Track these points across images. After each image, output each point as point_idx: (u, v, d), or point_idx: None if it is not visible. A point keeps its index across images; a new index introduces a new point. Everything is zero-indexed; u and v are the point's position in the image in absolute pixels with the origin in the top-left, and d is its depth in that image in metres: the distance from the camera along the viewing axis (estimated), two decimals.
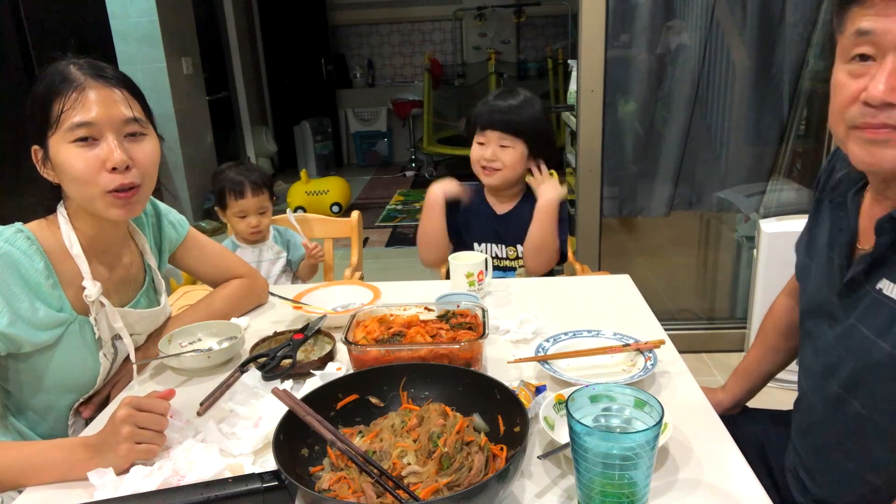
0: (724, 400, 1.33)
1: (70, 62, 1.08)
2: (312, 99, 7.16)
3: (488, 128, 1.77)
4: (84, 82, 1.06)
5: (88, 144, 1.06)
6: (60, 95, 1.04)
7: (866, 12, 0.79)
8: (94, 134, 1.06)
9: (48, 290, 1.09)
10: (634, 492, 0.73)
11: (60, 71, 1.07)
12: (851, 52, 0.83)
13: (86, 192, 1.08)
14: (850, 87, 0.83)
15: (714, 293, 2.94)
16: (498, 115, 1.76)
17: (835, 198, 1.03)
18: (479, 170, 1.82)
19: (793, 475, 1.10)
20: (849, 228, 0.97)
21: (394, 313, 1.25)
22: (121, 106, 1.08)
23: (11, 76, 3.01)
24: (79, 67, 1.07)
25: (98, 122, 1.05)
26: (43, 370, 1.12)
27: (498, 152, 1.77)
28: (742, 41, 2.44)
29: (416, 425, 0.88)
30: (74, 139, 1.05)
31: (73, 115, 1.04)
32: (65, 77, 1.06)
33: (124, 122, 1.08)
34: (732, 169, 2.59)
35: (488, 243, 1.86)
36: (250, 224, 2.04)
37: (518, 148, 1.77)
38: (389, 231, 5.03)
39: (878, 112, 0.80)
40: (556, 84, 6.45)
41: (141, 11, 4.51)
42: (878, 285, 0.89)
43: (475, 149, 1.81)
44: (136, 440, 0.92)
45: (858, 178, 0.99)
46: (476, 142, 1.81)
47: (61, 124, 1.05)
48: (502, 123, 1.76)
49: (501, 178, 1.79)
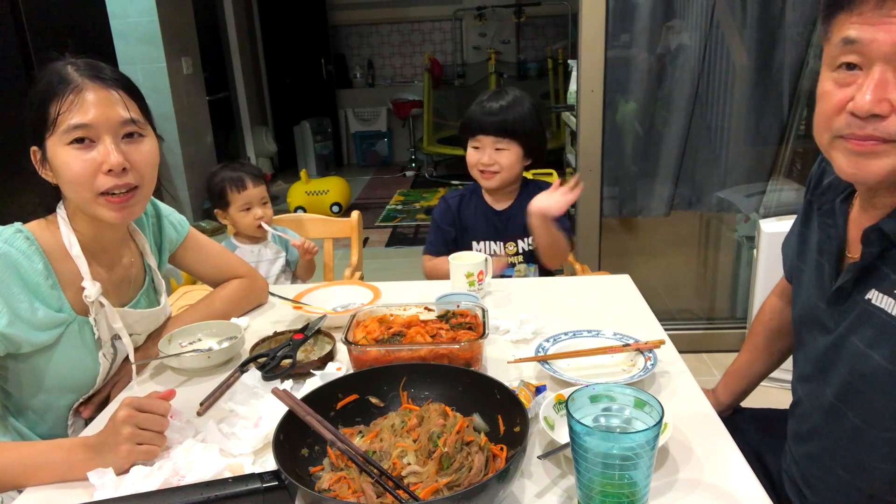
0: (717, 401, 1.33)
1: (68, 62, 1.08)
2: (312, 99, 7.16)
3: (481, 132, 1.77)
4: (81, 83, 1.05)
5: (85, 146, 1.05)
6: (57, 97, 1.04)
7: (853, 20, 0.78)
8: (90, 136, 1.05)
9: (47, 291, 1.09)
10: (634, 492, 0.73)
11: (58, 71, 1.06)
12: (838, 61, 0.81)
13: (82, 195, 1.08)
14: (836, 96, 0.82)
15: (714, 293, 2.94)
16: (490, 119, 1.76)
17: (823, 204, 1.02)
18: (476, 174, 1.82)
19: (790, 481, 1.10)
20: (837, 236, 0.96)
21: (394, 313, 1.25)
22: (118, 107, 1.07)
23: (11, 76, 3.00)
24: (76, 68, 1.07)
25: (95, 123, 1.05)
26: (42, 370, 1.12)
27: (494, 155, 1.77)
28: (742, 41, 2.44)
29: (416, 425, 0.88)
30: (71, 141, 1.05)
31: (70, 116, 1.04)
32: (62, 78, 1.05)
33: (121, 123, 1.08)
34: (732, 169, 2.59)
35: (487, 241, 1.87)
36: (256, 216, 2.04)
37: (513, 149, 1.77)
38: (389, 231, 5.03)
39: (865, 123, 0.79)
40: (556, 84, 6.45)
41: (141, 11, 4.52)
42: (867, 295, 0.88)
43: (471, 153, 1.82)
44: (137, 441, 0.92)
45: (846, 186, 0.97)
46: (471, 146, 1.82)
47: (58, 126, 1.04)
48: (495, 127, 1.75)
49: (500, 180, 1.80)
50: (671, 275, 2.95)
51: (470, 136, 1.81)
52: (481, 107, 1.79)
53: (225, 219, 2.11)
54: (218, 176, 2.07)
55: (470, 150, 1.82)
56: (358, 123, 7.52)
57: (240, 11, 6.43)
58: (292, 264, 2.16)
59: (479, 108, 1.79)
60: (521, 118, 1.76)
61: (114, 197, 1.08)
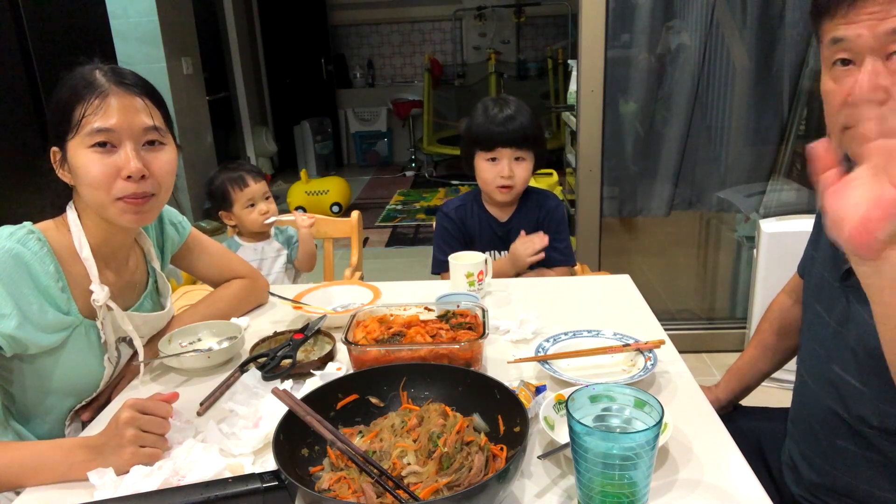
0: (717, 399, 1.34)
1: (95, 67, 1.09)
2: (312, 99, 7.17)
3: (499, 144, 1.72)
4: (107, 89, 1.06)
5: (106, 151, 1.06)
6: (83, 100, 1.05)
7: (837, 22, 0.85)
8: (112, 140, 1.06)
9: (57, 293, 1.09)
10: (634, 492, 0.73)
11: (85, 76, 1.07)
12: (832, 59, 0.88)
13: (99, 198, 1.08)
14: (837, 93, 0.88)
15: (714, 293, 2.95)
16: (505, 130, 1.70)
17: None
18: (493, 189, 1.76)
19: (788, 466, 1.11)
20: None
21: (394, 313, 1.25)
22: (142, 114, 1.09)
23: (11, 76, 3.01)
24: (103, 73, 1.08)
25: (118, 129, 1.06)
26: (48, 373, 1.12)
27: (514, 167, 1.73)
28: (742, 41, 2.44)
29: (416, 425, 0.88)
30: (93, 144, 1.06)
31: (94, 120, 1.05)
32: (89, 82, 1.07)
33: (144, 130, 1.09)
34: (732, 169, 2.59)
35: (492, 251, 1.86)
36: (261, 211, 2.05)
37: (529, 159, 1.75)
38: (389, 231, 5.03)
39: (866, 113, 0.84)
40: (556, 84, 6.45)
41: (141, 11, 4.52)
42: None
43: (486, 168, 1.75)
44: (140, 444, 0.92)
45: None
46: (484, 160, 1.75)
47: (82, 128, 1.05)
48: (514, 138, 1.70)
49: (516, 193, 1.78)
50: (671, 275, 2.95)
51: (485, 149, 1.74)
52: (489, 117, 1.72)
53: (230, 219, 2.11)
54: (218, 179, 2.08)
55: (484, 164, 1.75)
56: (358, 123, 7.52)
57: (240, 11, 6.44)
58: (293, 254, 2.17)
59: (488, 119, 1.73)
60: (532, 125, 1.74)
61: (130, 199, 1.09)
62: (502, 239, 1.86)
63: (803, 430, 1.07)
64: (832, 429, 1.00)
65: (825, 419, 1.01)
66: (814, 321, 1.06)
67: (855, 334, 0.94)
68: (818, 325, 1.04)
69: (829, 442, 1.01)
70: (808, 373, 1.07)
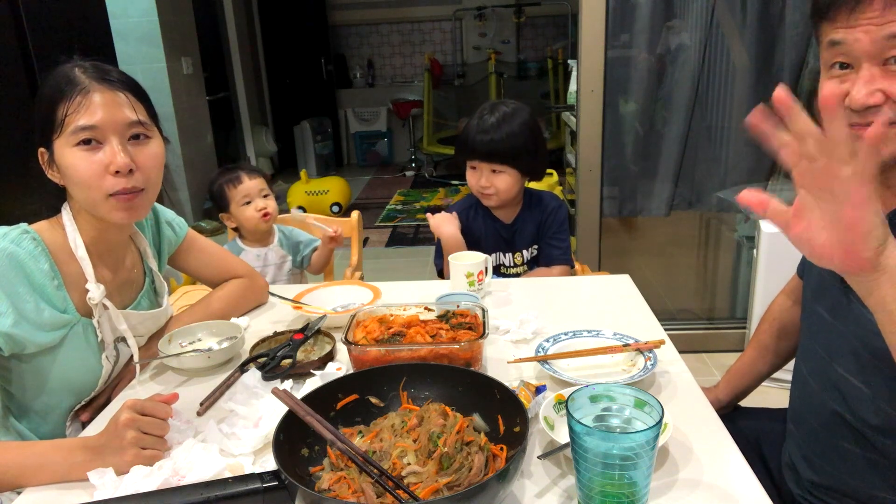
0: (717, 399, 1.34)
1: (75, 65, 1.09)
2: (312, 99, 7.16)
3: (476, 157, 1.75)
4: (88, 85, 1.06)
5: (92, 148, 1.06)
6: (65, 98, 1.05)
7: (835, 26, 0.86)
8: (97, 137, 1.06)
9: (53, 292, 1.09)
10: (634, 492, 0.73)
11: (65, 74, 1.07)
12: (831, 61, 0.89)
13: (89, 196, 1.08)
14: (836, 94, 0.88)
15: (714, 293, 2.95)
16: (482, 146, 1.72)
17: None
18: (477, 193, 1.81)
19: (788, 466, 1.11)
20: None
21: (394, 313, 1.25)
22: (125, 109, 1.08)
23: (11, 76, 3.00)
24: (83, 70, 1.08)
25: (102, 125, 1.05)
26: (46, 372, 1.12)
27: (491, 178, 1.75)
28: (742, 41, 2.44)
29: (416, 425, 0.88)
30: (78, 142, 1.05)
31: (77, 118, 1.05)
32: (69, 80, 1.06)
33: (128, 125, 1.08)
34: (732, 169, 2.59)
35: (496, 252, 1.86)
36: (257, 207, 2.01)
37: (509, 172, 1.74)
38: (389, 231, 5.03)
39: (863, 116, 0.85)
40: (556, 84, 6.45)
41: (141, 11, 4.52)
42: None
43: (470, 174, 1.80)
44: (141, 445, 0.92)
45: None
46: (469, 167, 1.79)
47: (66, 127, 1.05)
48: (487, 154, 1.72)
49: (499, 200, 1.78)
50: (671, 275, 2.95)
51: (466, 158, 1.78)
52: (476, 126, 1.74)
53: (230, 220, 2.09)
54: (217, 181, 2.07)
55: (468, 170, 1.80)
56: (358, 123, 7.52)
57: (240, 11, 6.44)
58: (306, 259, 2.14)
59: (474, 128, 1.74)
60: (514, 143, 1.71)
61: (121, 195, 1.08)
62: (507, 241, 1.86)
63: (804, 430, 1.07)
64: (833, 429, 1.00)
65: (826, 420, 1.01)
66: (814, 322, 1.06)
67: (856, 334, 0.94)
68: (819, 326, 1.04)
69: (830, 442, 1.01)
70: (810, 373, 1.07)
